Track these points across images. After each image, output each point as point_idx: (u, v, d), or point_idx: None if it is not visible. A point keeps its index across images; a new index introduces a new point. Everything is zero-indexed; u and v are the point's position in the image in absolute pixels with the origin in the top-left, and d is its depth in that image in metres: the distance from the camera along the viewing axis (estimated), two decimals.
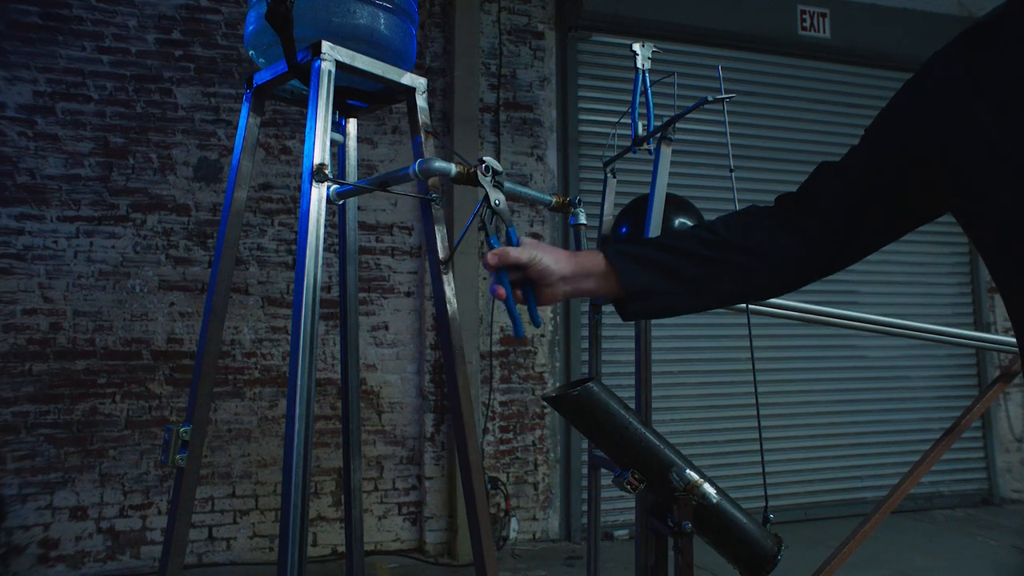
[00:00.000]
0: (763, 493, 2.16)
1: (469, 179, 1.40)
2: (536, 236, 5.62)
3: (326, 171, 1.43)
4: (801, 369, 6.25)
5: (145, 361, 4.85)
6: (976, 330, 6.80)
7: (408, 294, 5.38)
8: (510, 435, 5.46)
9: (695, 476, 1.84)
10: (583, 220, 2.02)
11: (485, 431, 5.36)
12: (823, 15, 6.26)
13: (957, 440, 2.96)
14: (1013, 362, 2.90)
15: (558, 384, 5.60)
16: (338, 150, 1.93)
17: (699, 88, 6.02)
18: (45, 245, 4.70)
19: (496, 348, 5.46)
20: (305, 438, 1.41)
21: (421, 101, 1.70)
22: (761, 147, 6.26)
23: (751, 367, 2.18)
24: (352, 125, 2.02)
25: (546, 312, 5.63)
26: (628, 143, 2.51)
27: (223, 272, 1.66)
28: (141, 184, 4.92)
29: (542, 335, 5.59)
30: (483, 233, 1.35)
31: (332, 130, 1.52)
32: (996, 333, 6.82)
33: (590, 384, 1.65)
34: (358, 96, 1.86)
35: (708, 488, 1.84)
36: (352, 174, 1.99)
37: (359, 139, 5.45)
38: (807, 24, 6.20)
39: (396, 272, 5.40)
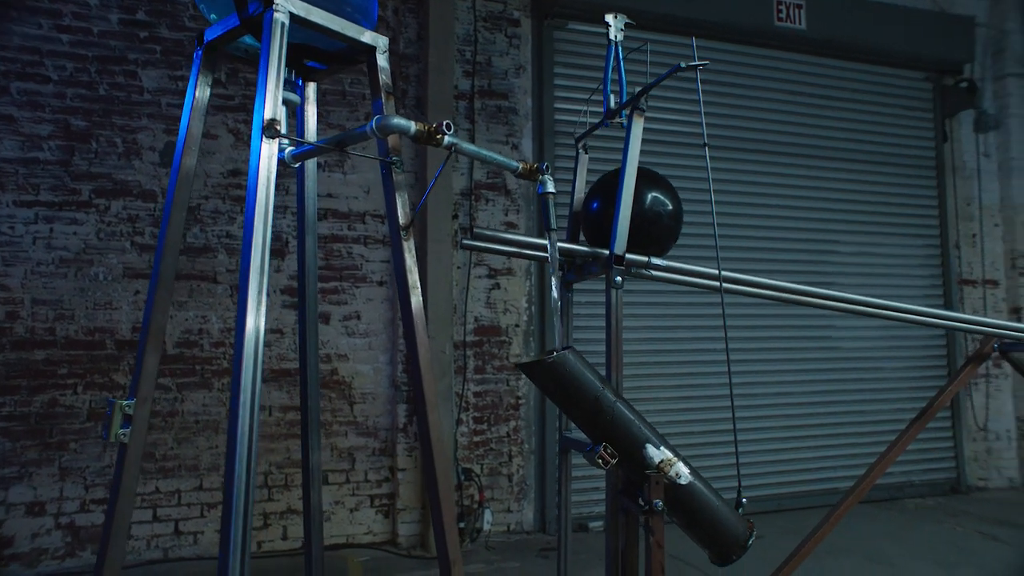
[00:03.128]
0: (736, 482, 2.11)
1: (430, 138, 1.33)
2: (511, 225, 5.56)
3: (278, 127, 1.35)
4: (777, 360, 6.26)
5: (109, 351, 4.71)
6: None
7: (381, 283, 5.29)
8: (484, 426, 5.39)
9: (669, 454, 1.80)
10: (551, 188, 1.97)
11: (459, 422, 5.29)
12: (799, 7, 6.26)
13: (930, 425, 2.95)
14: (983, 345, 2.90)
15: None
16: (296, 114, 1.85)
17: (675, 79, 6.00)
18: (0, 231, 4.54)
19: (470, 338, 5.39)
20: (251, 410, 1.33)
21: (382, 60, 1.63)
22: (736, 137, 6.25)
23: (726, 358, 2.14)
24: (311, 89, 1.94)
25: (520, 302, 5.57)
26: (601, 119, 2.46)
27: (171, 236, 1.57)
28: (105, 169, 4.77)
29: (517, 325, 5.53)
30: (456, 222, 1.28)
31: (288, 90, 1.44)
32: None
33: (566, 351, 1.60)
34: (316, 56, 1.78)
35: (682, 467, 1.80)
36: (312, 137, 1.91)
37: (329, 124, 5.37)
38: (783, 15, 6.20)
39: (369, 261, 5.30)
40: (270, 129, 1.36)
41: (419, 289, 1.61)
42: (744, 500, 2.06)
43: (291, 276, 5.05)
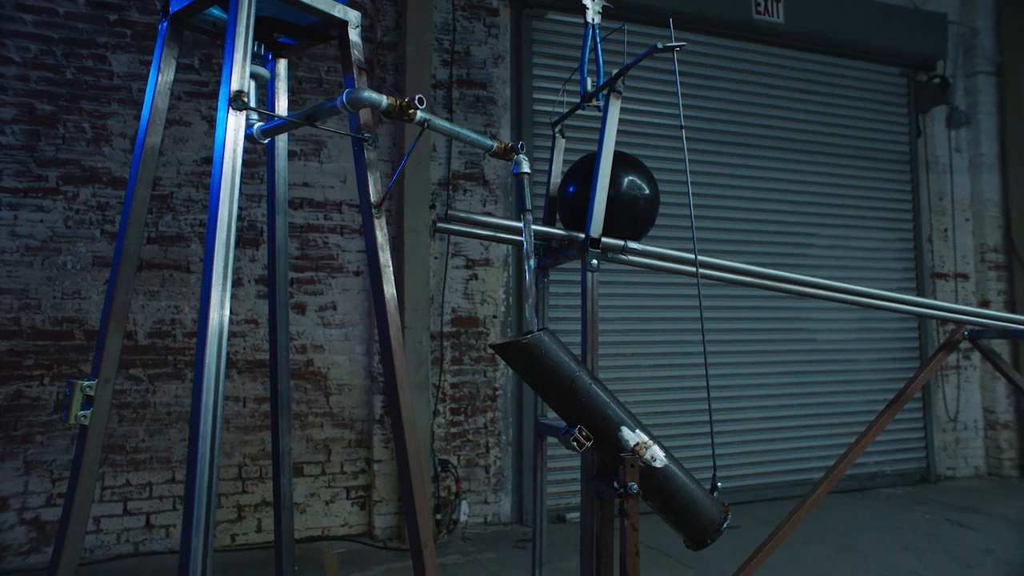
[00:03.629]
0: (712, 465, 2.11)
1: (401, 112, 1.30)
2: (488, 215, 5.53)
3: (245, 98, 1.32)
4: (752, 351, 6.30)
5: (78, 341, 4.61)
6: (919, 318, 6.97)
7: (357, 273, 5.24)
8: (461, 418, 5.37)
9: (644, 436, 1.79)
10: (526, 168, 1.94)
11: (436, 413, 5.26)
12: (777, 0, 6.30)
13: (901, 416, 2.99)
14: (954, 332, 2.94)
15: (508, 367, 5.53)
16: (267, 91, 1.81)
17: (651, 68, 6.01)
18: None
19: (447, 329, 5.37)
20: (215, 397, 1.29)
21: (354, 35, 1.59)
22: (714, 130, 6.28)
23: (702, 344, 2.13)
24: (282, 66, 1.90)
25: (498, 293, 5.55)
26: (578, 103, 2.44)
27: (135, 213, 1.53)
28: (73, 155, 4.67)
29: (494, 316, 5.51)
30: (433, 212, 1.25)
31: (257, 64, 1.40)
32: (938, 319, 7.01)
33: (541, 332, 1.58)
34: (287, 31, 1.74)
35: (657, 450, 1.79)
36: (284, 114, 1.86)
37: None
38: (761, 8, 6.24)
39: (345, 251, 5.25)
40: (237, 100, 1.32)
41: (391, 269, 1.58)
42: (719, 484, 2.06)
43: (266, 266, 4.98)
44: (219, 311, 1.26)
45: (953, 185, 7.27)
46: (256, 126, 1.40)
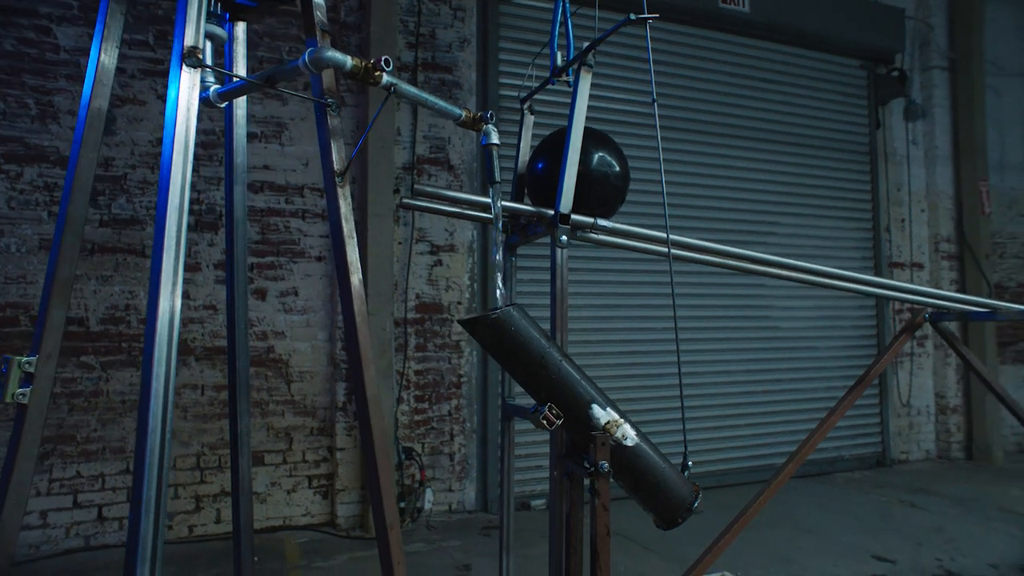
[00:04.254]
0: (684, 442, 2.10)
1: (367, 75, 1.23)
2: None
3: (200, 55, 1.23)
4: (716, 339, 6.36)
5: (23, 328, 4.42)
6: (876, 305, 7.13)
7: (319, 259, 5.13)
8: (425, 405, 5.31)
9: (615, 415, 1.76)
10: (495, 139, 1.89)
11: (400, 400, 5.20)
12: None
13: (859, 403, 3.03)
14: (916, 315, 2.99)
15: (475, 354, 5.48)
16: (224, 55, 1.72)
17: (620, 55, 6.00)
18: None
19: (411, 315, 5.29)
20: (165, 384, 1.21)
21: None
22: (679, 118, 6.29)
23: (672, 329, 2.11)
24: (240, 29, 1.80)
25: (463, 279, 5.50)
26: (547, 77, 2.39)
27: (79, 181, 1.43)
28: (16, 132, 4.46)
29: (459, 303, 5.45)
30: (398, 196, 1.19)
31: (213, 23, 1.32)
32: (893, 307, 7.17)
33: (510, 307, 1.53)
34: None
35: (628, 428, 1.76)
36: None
37: (266, 94, 5.14)
38: None
39: (307, 236, 5.13)
40: (191, 57, 1.24)
41: (355, 240, 1.52)
42: (690, 463, 2.05)
43: (225, 251, 4.84)
44: (171, 278, 1.18)
45: (910, 176, 7.43)
46: (212, 89, 1.32)
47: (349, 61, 1.27)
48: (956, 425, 7.34)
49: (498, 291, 1.69)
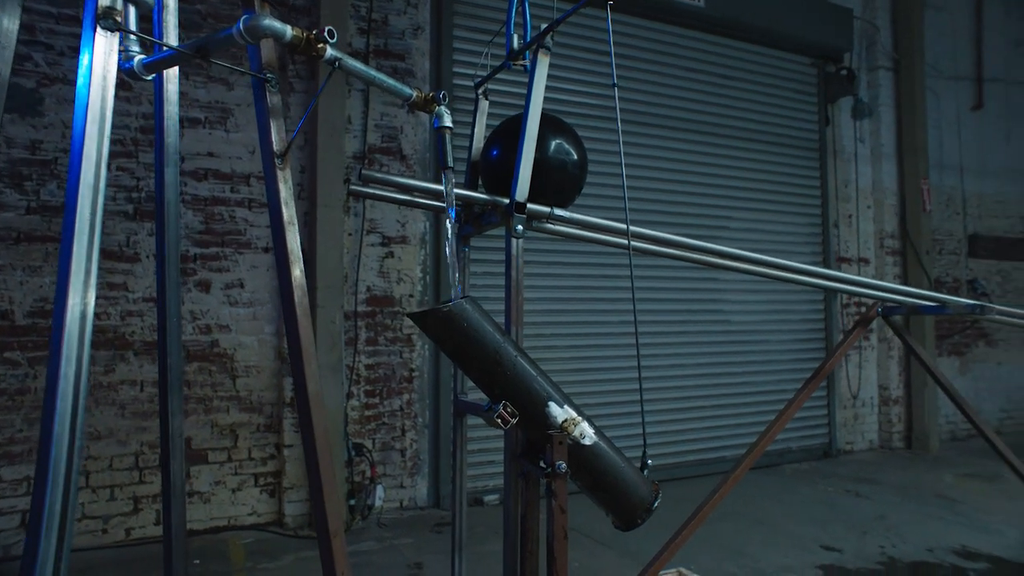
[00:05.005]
0: (643, 444, 2.05)
1: (309, 46, 1.13)
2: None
3: (118, 17, 1.11)
4: (669, 332, 6.39)
5: None
6: (825, 300, 7.27)
7: (266, 250, 4.95)
8: (376, 400, 5.19)
9: (573, 412, 1.69)
10: (447, 122, 1.80)
11: (350, 395, 5.06)
12: None
13: (813, 392, 3.06)
14: (869, 309, 3.03)
15: (427, 348, 5.38)
16: (153, 23, 1.58)
17: (577, 47, 5.95)
18: None
19: (362, 308, 5.16)
20: (76, 385, 1.09)
21: None
22: (633, 110, 6.28)
23: (626, 322, 2.06)
24: None
25: (415, 271, 5.38)
26: (503, 61, 2.31)
27: None
28: None
29: (411, 296, 5.34)
30: (348, 186, 1.09)
31: None
32: (841, 300, 7.33)
33: (463, 300, 1.45)
34: None
35: (586, 426, 1.70)
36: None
37: (211, 78, 4.95)
38: None
39: (253, 226, 4.94)
40: (107, 19, 1.11)
41: (296, 227, 1.42)
42: (649, 461, 2.00)
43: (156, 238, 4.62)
44: (84, 267, 1.06)
45: (857, 174, 7.60)
46: (137, 59, 1.20)
47: (289, 31, 1.17)
48: (897, 416, 7.56)
49: (451, 278, 1.61)
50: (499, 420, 1.52)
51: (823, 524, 4.91)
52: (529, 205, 2.13)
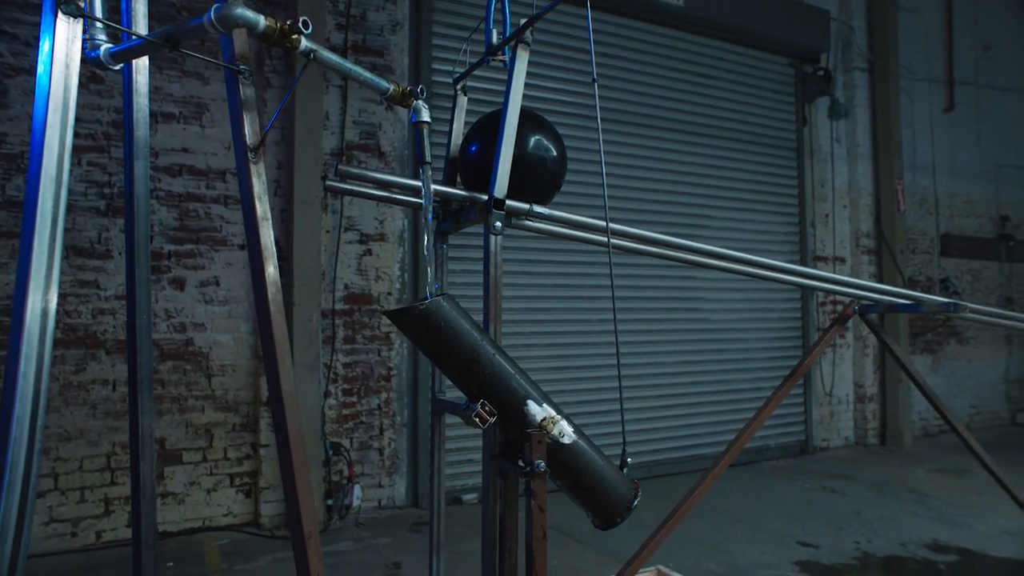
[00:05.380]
0: (622, 441, 2.05)
1: (283, 38, 1.10)
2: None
3: (80, 2, 1.07)
4: (648, 331, 6.41)
5: None
6: (802, 298, 7.34)
7: (242, 247, 4.88)
8: (354, 399, 5.14)
9: (552, 411, 1.68)
10: (425, 117, 1.78)
11: (327, 394, 5.01)
12: None
13: (791, 390, 3.08)
14: (847, 307, 3.05)
15: (405, 346, 5.34)
16: (121, 11, 1.53)
17: (556, 44, 5.94)
18: None
19: (340, 306, 5.11)
20: (36, 386, 1.05)
21: None
22: (613, 108, 6.28)
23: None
24: None
25: (393, 269, 5.34)
26: (482, 56, 2.29)
27: None
28: None
29: (389, 293, 5.29)
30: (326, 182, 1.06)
31: None
32: (817, 299, 7.40)
33: (440, 298, 1.43)
34: None
35: (565, 425, 1.68)
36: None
37: (185, 72, 4.86)
38: None
39: (229, 223, 4.87)
40: (69, 4, 1.07)
41: (270, 222, 1.39)
42: (629, 459, 2.00)
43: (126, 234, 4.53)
44: (45, 263, 1.02)
45: (834, 173, 7.68)
46: (104, 48, 1.16)
47: (262, 20, 1.13)
48: (872, 413, 7.66)
49: (428, 275, 1.58)
50: (477, 419, 1.50)
51: (800, 520, 4.96)
52: (508, 202, 2.11)
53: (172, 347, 4.67)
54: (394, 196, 2.23)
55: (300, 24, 1.04)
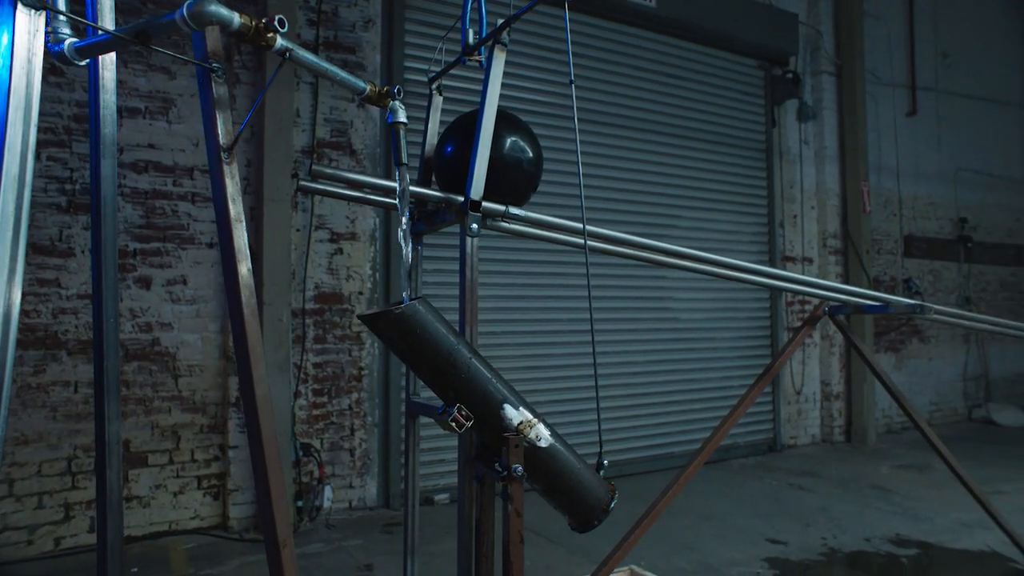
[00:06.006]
0: (597, 439, 2.05)
1: (258, 36, 1.08)
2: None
3: None
4: (619, 330, 6.44)
5: None
6: (771, 298, 7.44)
7: (211, 245, 4.79)
8: (324, 399, 5.09)
9: (529, 414, 1.67)
10: (402, 117, 1.76)
11: (297, 395, 4.95)
12: None
13: (763, 390, 3.12)
14: (816, 308, 3.10)
15: (377, 345, 5.30)
16: (87, 5, 1.48)
17: (530, 44, 5.93)
18: None
19: (310, 306, 5.04)
20: None
21: None
22: (585, 108, 6.29)
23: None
24: None
25: (364, 268, 5.29)
26: (458, 56, 2.27)
27: None
28: None
29: (360, 293, 5.24)
30: (296, 180, 1.03)
31: None
32: (785, 299, 7.52)
33: (415, 302, 1.41)
34: None
35: (542, 428, 1.68)
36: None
37: (151, 66, 4.76)
38: None
39: (197, 220, 4.78)
40: None
41: (243, 224, 1.36)
42: (605, 461, 2.01)
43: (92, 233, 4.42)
44: (7, 264, 0.98)
45: (802, 174, 7.80)
46: (68, 42, 1.12)
47: (236, 18, 1.11)
48: (838, 411, 7.81)
49: (402, 279, 1.56)
50: (454, 424, 1.49)
51: (769, 518, 5.03)
52: (484, 203, 2.10)
53: (138, 347, 4.57)
54: (368, 197, 2.20)
55: (276, 22, 1.01)
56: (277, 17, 1.06)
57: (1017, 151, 10.41)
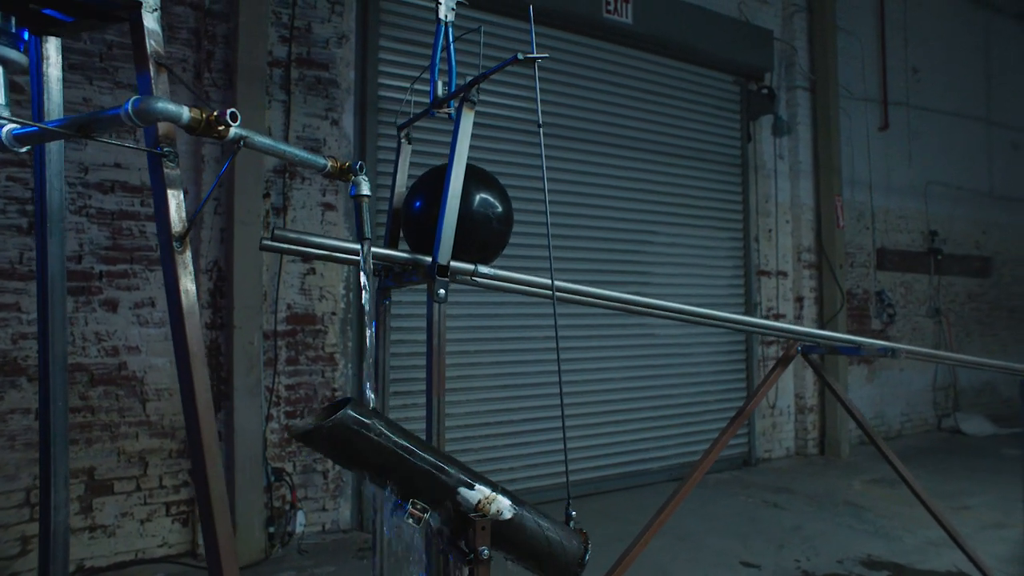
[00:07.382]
0: (565, 480, 2.02)
1: (209, 129, 1.03)
2: (329, 207, 5.15)
3: None
4: (596, 348, 6.43)
5: None
6: (746, 308, 7.49)
7: None
8: (297, 421, 5.01)
9: (487, 490, 1.64)
10: (365, 191, 1.71)
11: (269, 418, 4.87)
12: (626, 1, 6.39)
13: (729, 406, 3.13)
14: (788, 348, 3.12)
15: (350, 366, 5.23)
16: (31, 81, 1.41)
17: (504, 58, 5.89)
18: None
19: (282, 327, 4.97)
20: None
21: (151, 22, 1.24)
22: (559, 125, 6.27)
23: (553, 348, 2.02)
24: (52, 47, 1.50)
25: (337, 288, 5.22)
26: (427, 105, 2.23)
27: None
28: None
29: (333, 313, 5.18)
30: (267, 201, 0.99)
31: (5, 44, 1.05)
32: (761, 312, 7.56)
33: (346, 411, 1.35)
34: (58, 5, 1.36)
35: (503, 500, 1.65)
36: (57, 113, 1.47)
37: (118, 84, 4.64)
38: (611, 8, 6.29)
39: None
40: None
41: (198, 317, 1.30)
42: (573, 513, 1.98)
43: (68, 256, 4.31)
44: None
45: (777, 189, 7.85)
46: (6, 128, 1.06)
47: (186, 113, 1.06)
48: (812, 423, 7.88)
49: (366, 357, 1.52)
50: (411, 519, 1.46)
51: (744, 538, 5.05)
52: (452, 263, 2.06)
53: (103, 372, 4.46)
54: (335, 256, 2.14)
55: (228, 116, 0.97)
56: (229, 111, 1.01)
57: (983, 165, 10.59)
